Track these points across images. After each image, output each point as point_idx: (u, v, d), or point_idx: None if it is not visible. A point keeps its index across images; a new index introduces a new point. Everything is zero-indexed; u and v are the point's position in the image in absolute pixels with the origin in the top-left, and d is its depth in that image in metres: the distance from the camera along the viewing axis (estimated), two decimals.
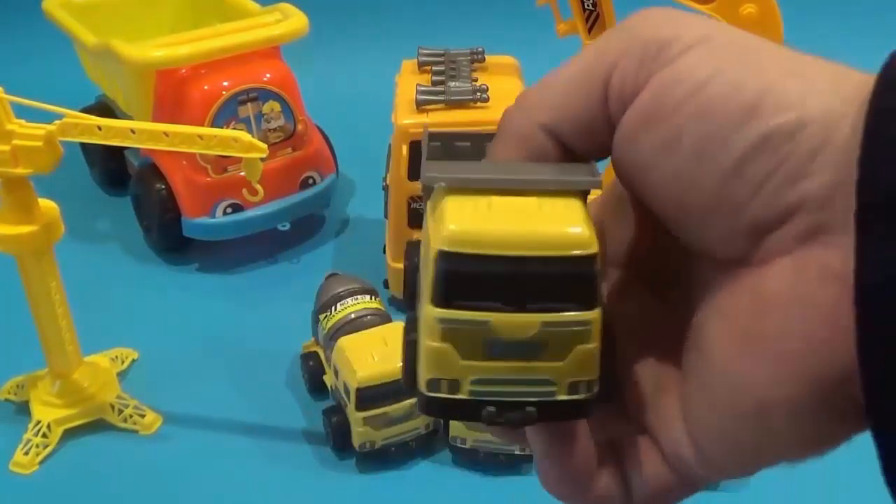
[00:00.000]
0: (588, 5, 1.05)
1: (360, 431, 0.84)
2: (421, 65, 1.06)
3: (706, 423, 0.25)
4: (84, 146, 1.30)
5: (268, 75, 1.12)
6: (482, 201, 0.24)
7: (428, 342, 0.24)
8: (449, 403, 0.24)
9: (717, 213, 0.23)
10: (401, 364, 0.26)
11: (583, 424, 0.26)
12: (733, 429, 0.24)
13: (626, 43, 0.24)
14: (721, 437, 0.25)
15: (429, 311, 0.24)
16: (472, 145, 0.31)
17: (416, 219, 1.01)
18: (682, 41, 0.23)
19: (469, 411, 0.24)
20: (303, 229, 1.22)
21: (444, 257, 0.23)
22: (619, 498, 0.27)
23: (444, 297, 0.23)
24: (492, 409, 0.24)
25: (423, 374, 0.24)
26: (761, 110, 0.22)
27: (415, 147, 0.98)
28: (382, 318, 0.90)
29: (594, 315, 0.24)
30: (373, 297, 0.93)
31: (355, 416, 0.84)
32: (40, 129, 0.76)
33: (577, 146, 0.25)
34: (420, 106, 0.98)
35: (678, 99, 0.23)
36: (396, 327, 0.88)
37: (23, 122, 0.77)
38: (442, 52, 1.07)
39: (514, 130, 0.26)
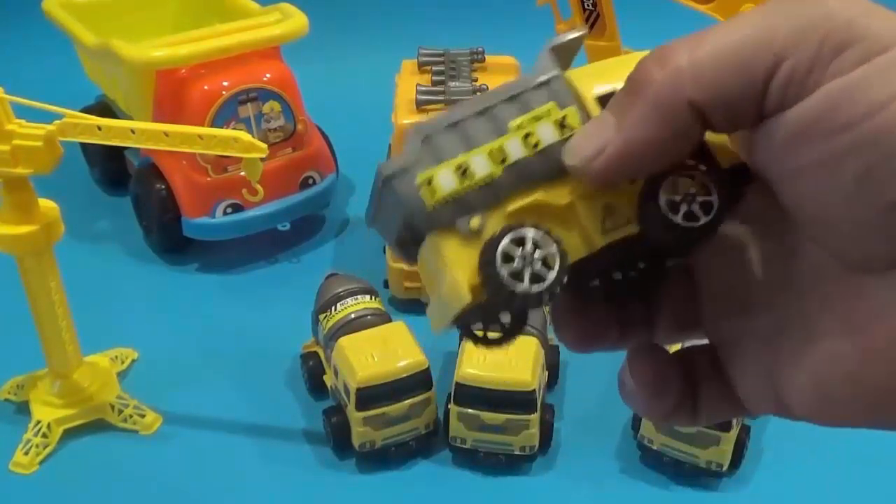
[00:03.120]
0: (588, 5, 1.05)
1: (360, 431, 0.84)
2: (421, 65, 1.06)
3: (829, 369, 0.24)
4: (84, 146, 1.30)
5: (268, 75, 1.12)
6: None
7: None
8: None
9: (868, 238, 0.22)
10: None
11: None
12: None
13: (798, 32, 0.22)
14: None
15: None
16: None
17: None
18: (863, 46, 0.21)
19: None
20: (303, 229, 1.22)
21: None
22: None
23: None
24: None
25: None
26: None
27: None
28: (382, 318, 0.90)
29: None
30: (373, 297, 0.93)
31: (355, 416, 0.84)
32: (40, 129, 0.76)
33: (720, 126, 0.24)
34: (420, 106, 0.98)
35: (849, 120, 0.21)
36: (396, 327, 0.88)
37: (23, 122, 0.77)
38: (442, 52, 1.07)
39: (661, 102, 0.23)
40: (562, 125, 0.26)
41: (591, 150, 0.25)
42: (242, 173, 0.83)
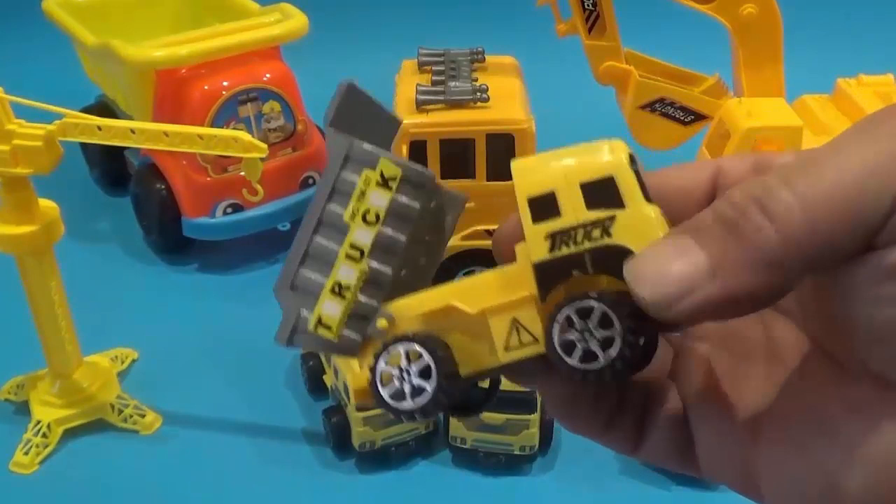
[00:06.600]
0: (588, 5, 1.05)
1: (360, 431, 0.84)
2: (421, 65, 1.06)
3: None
4: (84, 146, 1.30)
5: (268, 75, 1.12)
6: None
7: None
8: None
9: None
10: None
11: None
12: None
13: None
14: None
15: None
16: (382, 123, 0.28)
17: None
18: None
19: None
20: None
21: None
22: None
23: None
24: None
25: None
26: None
27: (415, 147, 0.98)
28: None
29: None
30: None
31: (355, 416, 0.84)
32: (40, 129, 0.76)
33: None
34: (420, 106, 0.98)
35: None
36: None
37: (23, 122, 0.77)
38: (442, 52, 1.07)
39: (773, 258, 0.21)
40: (385, 182, 0.25)
41: (674, 289, 0.22)
42: (242, 173, 0.83)
